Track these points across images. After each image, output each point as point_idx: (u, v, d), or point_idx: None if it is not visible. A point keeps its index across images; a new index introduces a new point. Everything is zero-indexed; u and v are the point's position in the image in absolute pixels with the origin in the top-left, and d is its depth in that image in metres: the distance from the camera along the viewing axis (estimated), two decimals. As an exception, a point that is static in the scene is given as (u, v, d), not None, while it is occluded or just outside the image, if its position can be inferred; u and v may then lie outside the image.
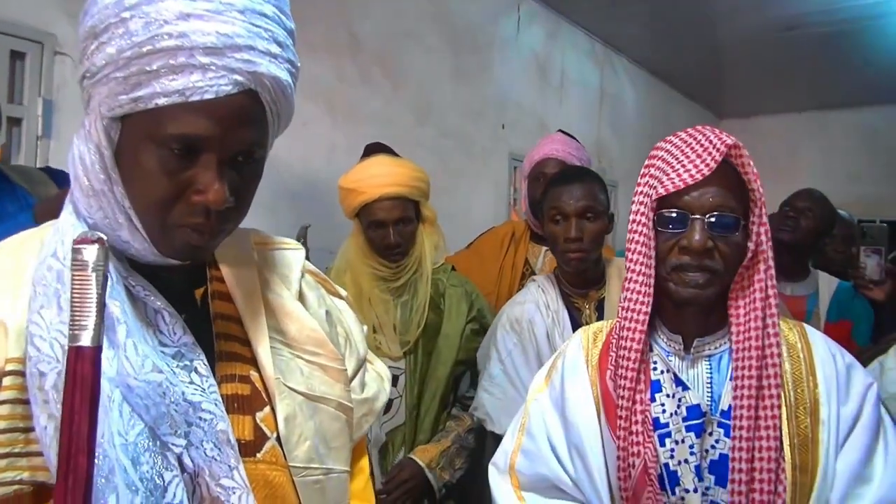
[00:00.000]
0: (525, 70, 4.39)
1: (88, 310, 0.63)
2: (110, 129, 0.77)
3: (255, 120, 0.79)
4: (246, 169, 0.81)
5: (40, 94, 2.13)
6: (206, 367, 0.82)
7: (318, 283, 1.04)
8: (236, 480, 0.78)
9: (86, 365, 0.63)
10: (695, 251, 1.16)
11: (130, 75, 0.73)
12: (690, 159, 1.18)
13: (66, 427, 0.62)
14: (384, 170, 2.07)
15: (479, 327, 2.15)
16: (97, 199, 0.79)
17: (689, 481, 1.19)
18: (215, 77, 0.73)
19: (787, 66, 5.48)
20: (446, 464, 2.02)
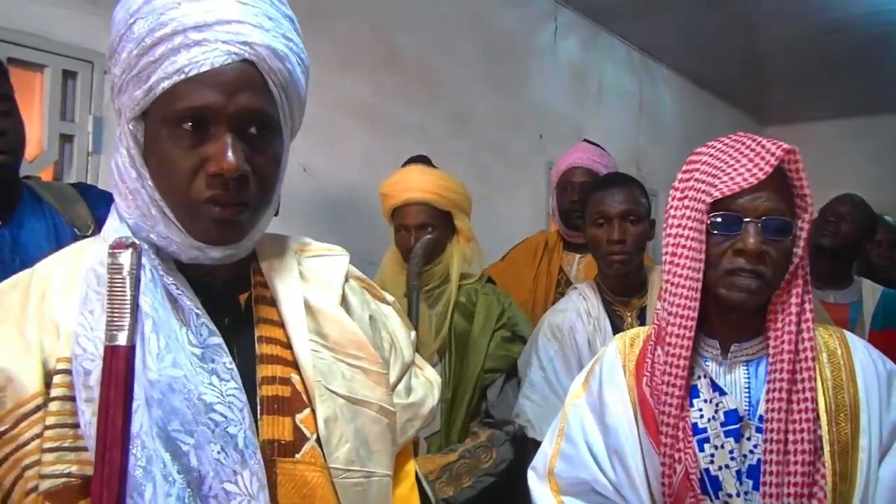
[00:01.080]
0: (562, 80, 4.40)
1: (124, 311, 0.66)
2: (136, 131, 0.82)
3: (256, 87, 0.82)
4: (259, 144, 0.84)
5: (90, 111, 2.22)
6: (230, 372, 0.83)
7: (364, 289, 1.06)
8: (239, 486, 0.79)
9: (120, 363, 0.66)
10: (750, 253, 1.15)
11: (141, 71, 0.79)
12: (743, 164, 1.17)
13: (102, 422, 0.66)
14: (414, 176, 2.14)
15: (509, 335, 2.14)
16: (133, 199, 0.83)
17: (732, 486, 1.18)
18: (208, 50, 0.78)
19: (831, 70, 5.38)
20: (449, 479, 1.97)
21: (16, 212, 1.55)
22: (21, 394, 0.75)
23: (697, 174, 1.22)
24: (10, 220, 1.53)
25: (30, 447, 0.74)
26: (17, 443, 0.74)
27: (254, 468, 0.80)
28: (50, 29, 2.10)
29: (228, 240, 0.86)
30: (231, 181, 0.80)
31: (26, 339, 0.77)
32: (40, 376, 0.76)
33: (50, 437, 0.74)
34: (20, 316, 0.79)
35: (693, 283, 1.21)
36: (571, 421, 1.36)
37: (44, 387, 0.76)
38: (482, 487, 1.99)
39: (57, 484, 0.73)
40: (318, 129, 2.77)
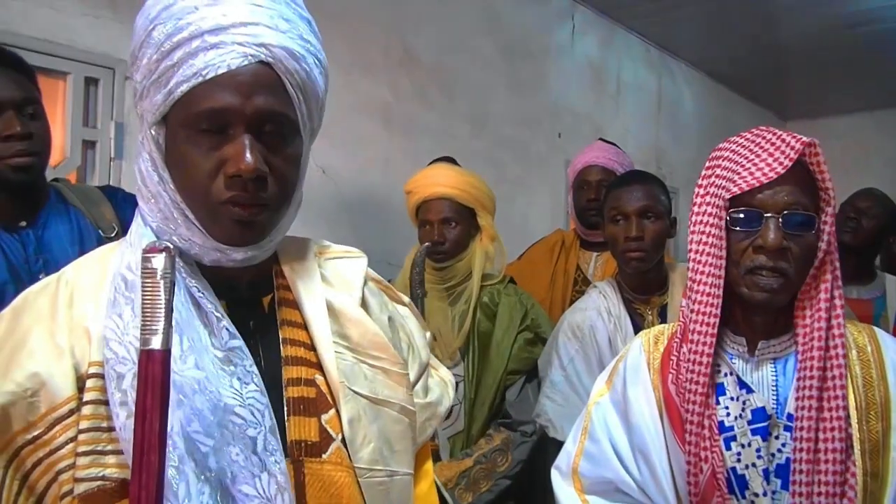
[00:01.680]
0: (580, 78, 4.38)
1: (158, 315, 0.67)
2: (157, 135, 0.84)
3: (273, 88, 0.83)
4: (276, 144, 0.84)
5: (112, 117, 2.24)
6: (250, 374, 0.84)
7: (381, 290, 1.07)
8: (257, 489, 0.79)
9: (156, 367, 0.67)
10: (770, 250, 1.14)
11: (161, 76, 0.81)
12: (762, 158, 1.16)
13: (139, 426, 0.66)
14: (439, 172, 2.18)
15: (532, 336, 2.14)
16: (155, 202, 0.84)
17: (759, 485, 1.17)
18: (225, 52, 0.79)
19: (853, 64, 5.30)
20: (468, 485, 1.97)
21: (42, 213, 1.58)
22: (54, 398, 0.76)
23: (719, 170, 1.21)
24: (36, 222, 1.57)
25: (64, 451, 0.75)
26: (51, 447, 0.75)
27: (272, 471, 0.80)
28: (72, 37, 2.13)
29: (249, 240, 0.86)
30: (249, 182, 0.81)
31: (57, 343, 0.78)
32: (73, 380, 0.77)
33: (84, 440, 0.75)
34: (50, 321, 0.80)
35: (715, 280, 1.19)
36: (595, 419, 1.35)
37: (76, 391, 0.77)
38: (499, 490, 2.00)
39: (92, 487, 0.74)
40: (336, 131, 2.78)
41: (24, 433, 0.75)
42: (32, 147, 1.50)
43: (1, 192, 1.52)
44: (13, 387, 0.75)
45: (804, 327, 1.18)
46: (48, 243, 1.55)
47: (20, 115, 1.49)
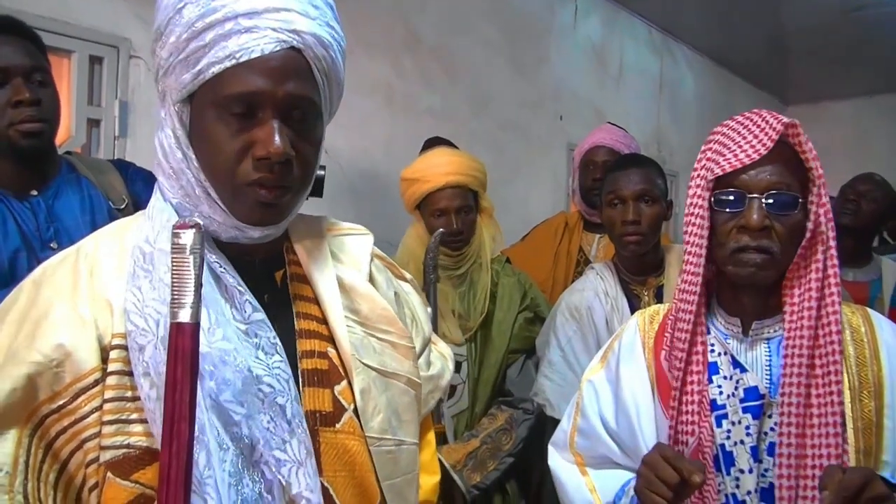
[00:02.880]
0: (582, 60, 4.37)
1: (187, 289, 0.69)
2: (182, 112, 0.85)
3: (302, 75, 0.85)
4: (302, 129, 0.86)
5: (117, 96, 2.25)
6: (274, 346, 0.87)
7: (386, 267, 1.10)
8: (288, 454, 0.82)
9: (186, 339, 0.69)
10: (752, 230, 1.16)
11: (190, 55, 0.81)
12: (747, 140, 1.18)
13: (170, 397, 0.68)
14: (446, 159, 2.14)
15: (532, 316, 2.19)
16: (177, 179, 0.86)
17: (745, 462, 1.20)
18: (258, 37, 0.81)
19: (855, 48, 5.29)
20: (475, 465, 2.01)
21: (52, 183, 1.60)
22: (79, 369, 0.78)
23: (709, 152, 1.23)
24: (47, 191, 1.59)
25: (89, 420, 0.77)
26: (76, 416, 0.78)
27: (301, 436, 0.84)
28: (77, 15, 2.13)
29: (270, 221, 0.89)
30: (277, 165, 0.83)
31: (81, 315, 0.80)
32: (97, 352, 0.79)
33: (109, 409, 0.77)
34: (72, 292, 0.82)
35: (697, 259, 1.22)
36: (586, 396, 1.39)
37: (101, 362, 0.79)
38: (505, 468, 2.04)
39: (118, 455, 0.77)
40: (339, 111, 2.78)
41: (49, 402, 0.78)
42: (42, 113, 1.52)
43: (11, 159, 1.53)
44: (39, 357, 0.77)
45: (792, 306, 1.20)
46: (59, 212, 1.57)
47: (28, 82, 1.51)
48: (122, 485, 0.76)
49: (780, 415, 1.17)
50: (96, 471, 0.77)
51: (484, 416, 2.10)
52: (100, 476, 0.77)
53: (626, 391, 1.31)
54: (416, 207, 2.18)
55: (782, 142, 1.17)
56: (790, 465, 1.15)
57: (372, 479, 0.92)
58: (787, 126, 1.17)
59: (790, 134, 1.18)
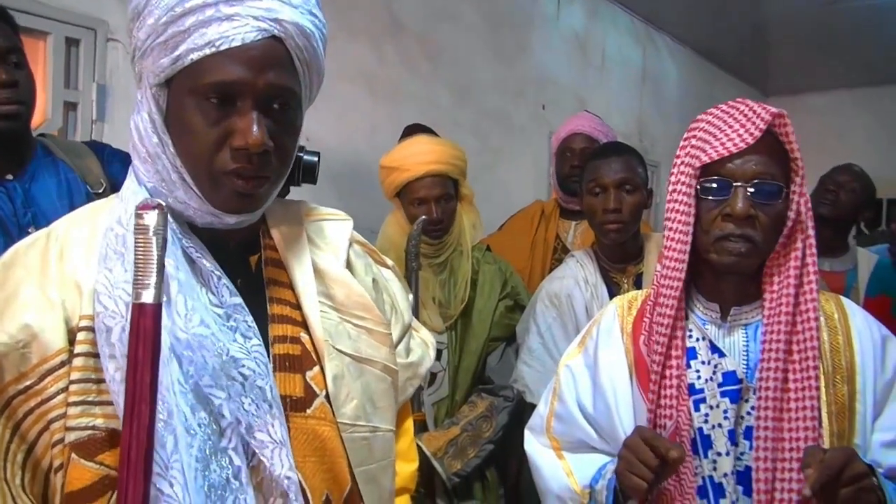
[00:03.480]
0: (565, 49, 4.37)
1: (150, 270, 0.69)
2: (158, 96, 0.83)
3: (283, 64, 0.83)
4: (282, 118, 0.85)
5: (94, 79, 2.22)
6: (252, 329, 0.87)
7: (366, 253, 1.09)
8: (271, 435, 0.83)
9: (147, 320, 0.69)
10: (737, 218, 1.17)
11: (168, 39, 0.80)
12: (734, 129, 1.19)
13: (131, 378, 0.69)
14: (426, 148, 2.12)
15: (512, 304, 2.19)
16: (153, 163, 0.85)
17: (722, 445, 1.21)
18: (240, 25, 0.79)
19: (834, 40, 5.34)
20: (456, 453, 2.02)
21: (29, 167, 1.57)
22: (46, 350, 0.78)
23: (693, 140, 1.24)
24: (23, 175, 1.56)
25: (55, 401, 0.77)
26: (43, 397, 0.77)
27: (280, 419, 0.84)
28: (52, -4, 2.10)
29: (247, 210, 0.88)
30: (255, 156, 0.82)
31: (49, 297, 0.80)
32: (64, 333, 0.78)
33: (75, 391, 0.77)
34: (41, 275, 0.81)
35: (682, 247, 1.23)
36: (563, 381, 1.40)
37: (68, 343, 0.78)
38: (485, 455, 2.05)
39: (83, 436, 0.76)
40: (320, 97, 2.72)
41: (15, 383, 0.77)
42: (18, 95, 1.49)
43: None
44: (5, 338, 0.77)
45: (771, 293, 1.22)
46: (36, 196, 1.55)
47: (4, 63, 1.48)
48: (86, 466, 0.76)
49: (758, 399, 1.19)
50: (61, 451, 0.77)
51: (464, 403, 2.11)
52: (65, 457, 0.77)
53: (605, 376, 1.32)
54: (396, 195, 2.17)
55: (768, 132, 1.18)
56: (767, 449, 1.17)
57: (343, 465, 0.92)
58: (775, 116, 1.18)
59: (777, 124, 1.19)
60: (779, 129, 1.20)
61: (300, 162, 1.03)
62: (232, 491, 0.79)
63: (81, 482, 0.76)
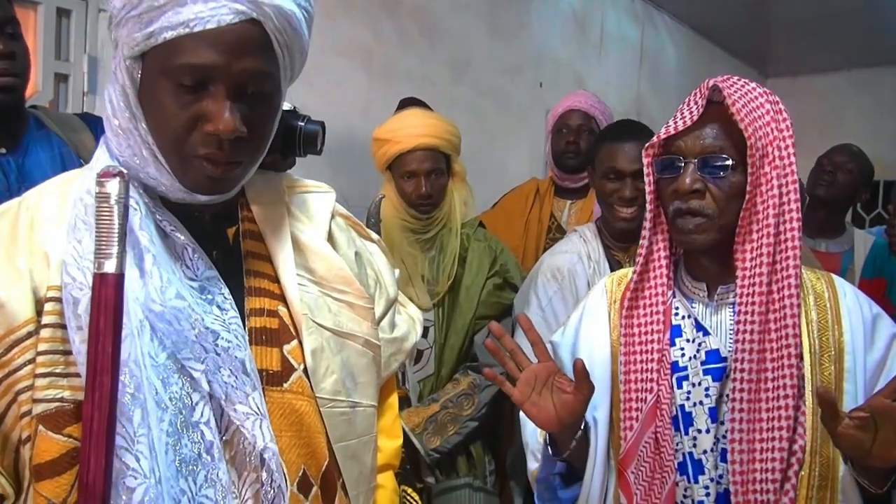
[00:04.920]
0: (563, 27, 4.33)
1: (112, 239, 0.68)
2: (132, 69, 0.81)
3: (260, 48, 0.81)
4: (257, 103, 0.84)
5: (85, 50, 2.20)
6: (228, 301, 0.86)
7: (349, 226, 1.08)
8: (251, 406, 0.82)
9: (109, 290, 0.68)
10: (681, 193, 1.18)
11: (143, 13, 0.77)
12: (687, 106, 1.21)
13: (92, 348, 0.68)
14: (418, 121, 2.11)
15: (501, 282, 2.18)
16: (125, 138, 0.83)
17: (703, 422, 1.22)
18: (216, 7, 0.76)
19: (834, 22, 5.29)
20: (436, 429, 2.03)
21: (22, 140, 1.55)
22: (13, 320, 0.76)
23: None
24: (17, 149, 1.54)
25: (22, 372, 0.76)
26: (10, 368, 0.76)
27: (259, 391, 0.84)
28: (42, -35, 2.07)
29: (218, 192, 0.87)
30: (226, 142, 0.81)
31: (17, 267, 0.78)
32: (31, 304, 0.77)
33: (42, 362, 0.76)
34: (10, 245, 0.80)
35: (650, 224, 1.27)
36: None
37: (35, 314, 0.77)
38: (467, 432, 2.06)
39: (50, 408, 0.75)
40: (315, 73, 2.74)
41: None
42: (14, 67, 1.47)
43: None
44: None
45: (744, 270, 1.21)
46: (30, 171, 1.52)
47: (0, 34, 1.45)
48: (54, 438, 0.75)
49: (734, 380, 1.19)
50: (29, 423, 0.76)
51: (449, 381, 2.11)
52: (32, 429, 0.76)
53: (586, 348, 1.33)
54: (388, 168, 2.15)
55: (722, 105, 1.17)
56: (742, 430, 1.17)
57: (321, 440, 0.91)
58: (713, 89, 1.18)
59: (726, 95, 1.17)
60: (728, 100, 1.17)
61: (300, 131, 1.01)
62: (204, 465, 0.79)
63: (49, 454, 0.75)
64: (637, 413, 1.24)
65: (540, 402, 1.14)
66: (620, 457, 1.25)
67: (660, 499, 1.19)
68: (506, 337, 1.15)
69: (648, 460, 1.21)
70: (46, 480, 0.75)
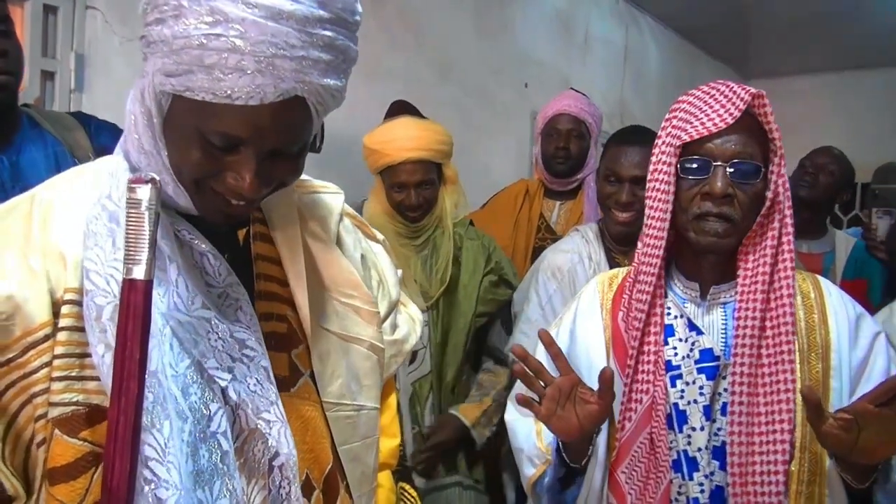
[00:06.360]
0: (548, 28, 4.35)
1: (142, 245, 0.67)
2: (161, 98, 0.78)
3: (299, 122, 0.79)
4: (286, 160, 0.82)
5: (72, 48, 2.17)
6: (251, 307, 0.86)
7: (356, 227, 1.08)
8: (275, 414, 0.83)
9: (138, 296, 0.67)
10: (716, 197, 1.19)
11: (182, 62, 0.73)
12: (714, 109, 1.20)
13: (119, 354, 0.67)
14: (409, 133, 2.08)
15: (497, 279, 2.21)
16: (147, 158, 0.82)
17: (697, 420, 1.24)
18: (263, 84, 0.72)
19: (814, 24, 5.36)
20: (486, 421, 2.12)
21: (15, 139, 1.53)
22: (30, 322, 0.75)
23: (675, 120, 1.25)
24: (10, 148, 1.51)
25: (38, 375, 0.75)
26: (26, 370, 0.75)
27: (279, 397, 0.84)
28: (29, -38, 2.05)
29: (234, 223, 0.88)
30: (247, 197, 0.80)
31: (31, 267, 0.76)
32: (48, 305, 0.75)
33: (59, 366, 0.74)
34: (24, 243, 0.78)
35: (661, 224, 1.25)
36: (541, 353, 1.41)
37: (52, 316, 0.75)
38: None
39: (66, 412, 0.74)
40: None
41: None
42: (8, 66, 1.45)
43: None
44: None
45: (746, 271, 1.24)
46: (24, 170, 1.50)
47: None
48: (69, 442, 0.74)
49: (732, 375, 1.21)
50: (44, 426, 0.75)
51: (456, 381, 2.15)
52: (48, 432, 0.75)
53: (581, 349, 1.35)
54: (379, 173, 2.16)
55: (748, 112, 1.20)
56: (741, 423, 1.20)
57: (325, 444, 0.91)
58: (754, 97, 1.19)
59: (756, 105, 1.20)
60: (758, 109, 1.21)
61: None
62: (220, 476, 0.78)
63: (65, 458, 0.74)
64: (631, 414, 1.26)
65: (564, 416, 1.15)
66: (613, 457, 1.27)
67: (655, 497, 1.21)
68: (529, 357, 1.15)
69: (644, 460, 1.23)
70: (61, 484, 0.74)
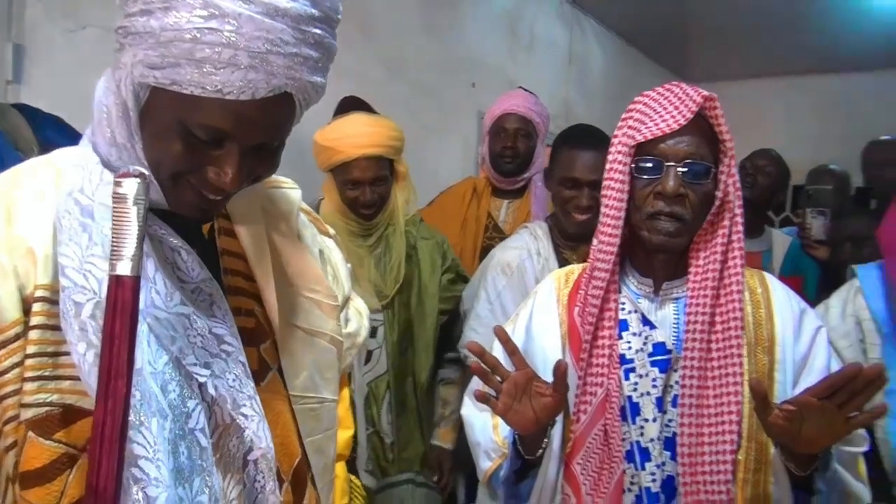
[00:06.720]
0: (495, 28, 4.39)
1: (128, 241, 0.65)
2: (139, 90, 0.76)
3: (283, 120, 0.79)
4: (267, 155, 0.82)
5: (10, 38, 2.09)
6: (224, 302, 0.85)
7: (311, 222, 1.08)
8: (253, 409, 0.82)
9: (126, 293, 0.65)
10: (668, 196, 1.22)
11: (168, 55, 0.71)
12: (668, 110, 1.24)
13: (106, 353, 0.65)
14: (362, 129, 2.06)
15: (454, 276, 2.23)
16: (118, 151, 0.79)
17: (650, 412, 1.28)
18: (255, 80, 0.72)
19: (753, 29, 5.53)
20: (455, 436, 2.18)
21: None
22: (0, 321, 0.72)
23: (630, 121, 1.28)
24: None
25: (9, 376, 0.72)
26: None
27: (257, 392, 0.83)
28: (-37, -53, 1.96)
29: (206, 219, 0.87)
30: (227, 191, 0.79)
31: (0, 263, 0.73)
32: (18, 303, 0.73)
33: (31, 365, 0.72)
34: None
35: (615, 222, 1.28)
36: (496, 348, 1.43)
37: (22, 314, 0.73)
38: None
39: (40, 413, 0.72)
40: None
41: None
42: None
43: None
44: None
45: (697, 268, 1.28)
46: None
47: None
48: (44, 444, 0.72)
49: (683, 368, 1.25)
50: (15, 429, 0.72)
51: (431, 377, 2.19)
52: (19, 435, 0.72)
53: (537, 344, 1.37)
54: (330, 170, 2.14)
55: (700, 114, 1.23)
56: (691, 415, 1.23)
57: (293, 437, 0.92)
58: (706, 99, 1.23)
59: (708, 107, 1.24)
60: (709, 111, 1.25)
61: None
62: (199, 472, 0.77)
63: (39, 461, 0.71)
64: (586, 406, 1.28)
65: (520, 410, 1.16)
66: (568, 449, 1.29)
67: (608, 487, 1.24)
68: (486, 354, 1.16)
69: (598, 451, 1.26)
70: (35, 488, 0.71)
